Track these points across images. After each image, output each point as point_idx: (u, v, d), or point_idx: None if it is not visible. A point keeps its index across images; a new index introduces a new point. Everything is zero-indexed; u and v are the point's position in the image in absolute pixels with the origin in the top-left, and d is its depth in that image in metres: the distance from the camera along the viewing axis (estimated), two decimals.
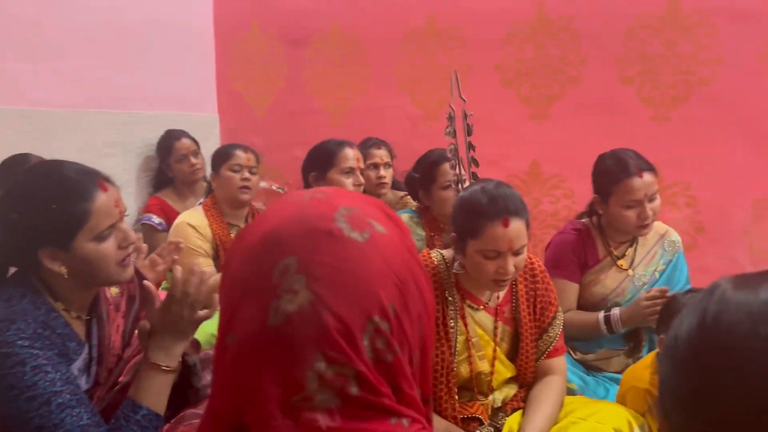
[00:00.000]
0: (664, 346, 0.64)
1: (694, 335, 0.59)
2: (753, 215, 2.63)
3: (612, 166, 1.90)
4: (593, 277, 1.98)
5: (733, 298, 0.59)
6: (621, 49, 2.75)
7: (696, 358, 0.58)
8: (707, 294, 0.61)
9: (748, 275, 0.64)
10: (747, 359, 0.55)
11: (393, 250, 0.67)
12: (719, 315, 0.58)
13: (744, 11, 2.53)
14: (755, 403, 0.54)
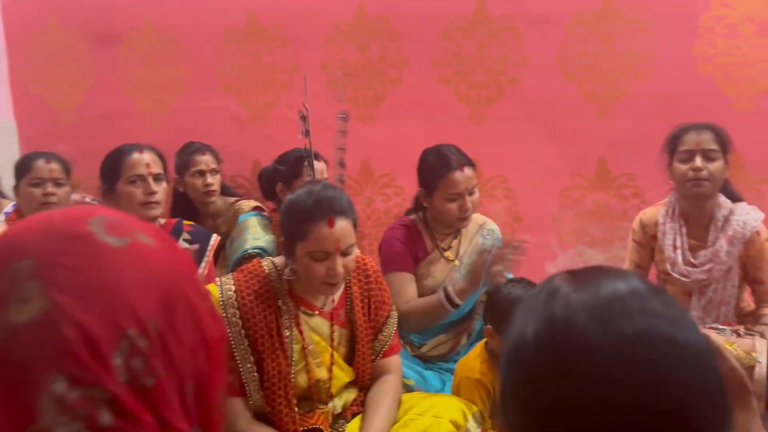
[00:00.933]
0: (508, 350, 0.64)
1: (544, 341, 0.60)
2: (560, 204, 2.89)
3: (435, 162, 1.99)
4: (424, 270, 2.03)
5: (578, 301, 0.60)
6: (438, 51, 2.86)
7: (547, 363, 0.59)
8: (548, 297, 0.62)
9: (579, 272, 0.66)
10: (599, 362, 0.56)
11: (160, 263, 0.58)
12: (568, 320, 0.59)
13: (542, 16, 2.76)
14: (608, 406, 0.55)
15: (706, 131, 1.91)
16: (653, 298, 0.59)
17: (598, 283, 0.61)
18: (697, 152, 1.89)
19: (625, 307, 0.58)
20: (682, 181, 1.93)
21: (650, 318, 0.57)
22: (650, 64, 2.71)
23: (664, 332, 0.57)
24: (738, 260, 1.93)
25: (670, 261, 2.01)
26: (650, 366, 0.55)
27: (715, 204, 1.96)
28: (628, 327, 0.56)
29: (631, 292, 0.60)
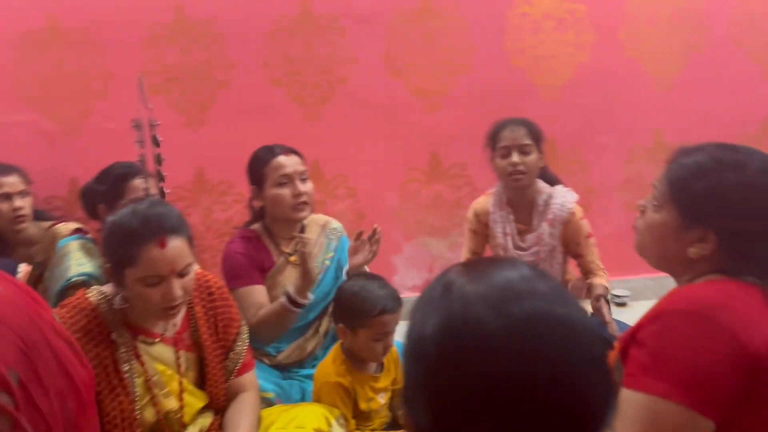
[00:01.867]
0: (409, 347, 0.65)
1: (444, 335, 0.61)
2: (400, 197, 2.97)
3: (259, 153, 1.97)
4: (272, 281, 1.97)
5: (473, 293, 0.62)
6: (266, 52, 2.79)
7: (449, 355, 0.60)
8: (445, 291, 0.64)
9: (473, 265, 0.69)
10: (496, 346, 0.58)
11: (12, 310, 0.53)
12: (465, 311, 0.61)
13: (366, 15, 2.81)
14: (508, 387, 0.57)
15: (520, 127, 2.06)
16: (539, 281, 0.63)
17: (490, 273, 0.64)
18: (514, 148, 2.04)
19: (515, 292, 0.61)
20: (503, 174, 2.09)
21: (538, 299, 0.61)
22: (469, 60, 2.88)
23: (550, 311, 0.60)
24: (560, 239, 2.12)
25: (501, 246, 2.15)
26: (540, 342, 0.59)
27: (535, 191, 2.13)
28: (518, 309, 0.60)
29: (520, 278, 0.63)
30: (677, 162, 1.13)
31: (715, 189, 1.05)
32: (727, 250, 1.07)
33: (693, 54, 2.96)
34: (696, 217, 1.08)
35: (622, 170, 3.05)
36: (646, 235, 1.17)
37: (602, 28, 2.90)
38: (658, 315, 1.03)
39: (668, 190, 1.11)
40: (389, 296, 1.61)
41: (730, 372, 0.95)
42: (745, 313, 0.99)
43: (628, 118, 2.99)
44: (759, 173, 1.05)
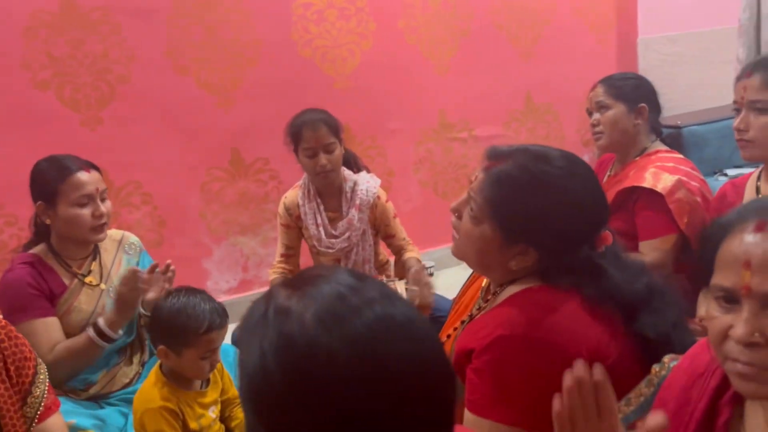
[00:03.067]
0: (246, 382, 0.61)
1: (283, 362, 0.58)
2: (203, 199, 2.84)
3: (50, 166, 1.73)
4: (66, 306, 1.76)
5: (308, 315, 0.59)
6: (25, 51, 2.46)
7: (291, 384, 0.57)
8: (279, 315, 0.60)
9: (295, 282, 0.65)
10: (340, 366, 0.57)
11: None
12: (300, 334, 0.58)
13: (141, 9, 2.61)
14: (346, 404, 0.56)
15: (321, 126, 2.07)
16: (367, 287, 0.62)
17: (318, 290, 0.62)
18: (319, 148, 2.06)
19: (351, 306, 0.60)
20: (311, 173, 2.12)
21: (374, 308, 0.60)
22: (257, 51, 2.83)
23: (386, 315, 0.60)
24: (369, 223, 2.20)
25: (315, 237, 2.18)
26: (390, 352, 0.58)
27: (341, 179, 2.18)
28: (359, 323, 0.59)
29: (350, 289, 0.61)
30: (493, 175, 1.11)
31: (530, 207, 1.08)
32: (545, 258, 1.10)
33: (463, 39, 3.23)
34: (516, 234, 1.09)
35: (414, 151, 3.25)
36: (467, 244, 1.17)
37: (382, 17, 3.03)
38: (491, 342, 1.04)
39: (487, 207, 1.10)
40: (215, 311, 1.52)
41: None
42: (568, 325, 1.04)
43: (415, 102, 3.18)
44: (566, 182, 1.08)
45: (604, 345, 1.04)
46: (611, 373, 0.94)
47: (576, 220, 1.09)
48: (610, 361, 1.00)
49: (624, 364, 1.04)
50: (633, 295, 1.08)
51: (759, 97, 1.48)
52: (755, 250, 0.76)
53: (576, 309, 1.05)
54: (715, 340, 0.80)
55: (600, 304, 1.06)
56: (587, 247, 1.10)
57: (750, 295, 0.76)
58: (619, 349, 1.05)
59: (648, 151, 1.97)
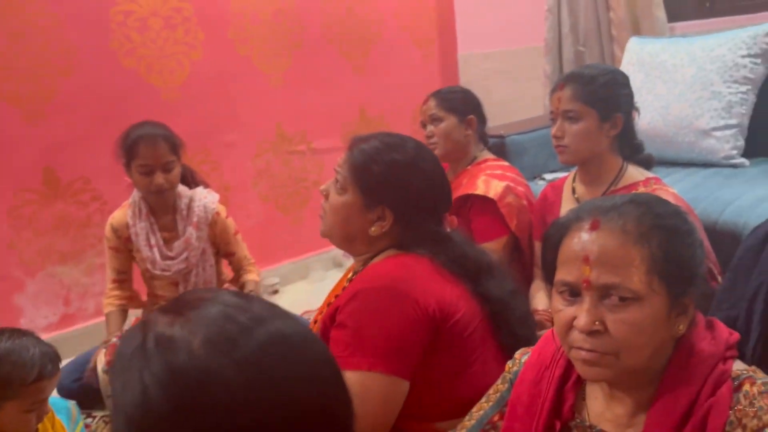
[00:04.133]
0: (126, 415, 0.54)
1: (173, 393, 0.53)
2: (11, 225, 2.50)
3: None
4: None
5: (195, 341, 0.55)
6: None
7: (185, 419, 0.52)
8: (161, 344, 0.55)
9: (173, 308, 0.60)
10: (236, 391, 0.53)
11: None
12: (192, 363, 0.54)
13: None
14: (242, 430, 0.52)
15: (159, 143, 1.92)
16: (253, 305, 0.59)
17: (203, 313, 0.58)
18: (156, 167, 1.92)
19: (239, 327, 0.56)
20: (146, 192, 1.97)
21: (264, 325, 0.57)
22: (71, 61, 2.57)
23: (278, 333, 0.58)
24: (208, 241, 2.09)
25: (149, 260, 2.02)
26: (282, 367, 0.56)
27: (176, 195, 2.04)
28: (250, 343, 0.56)
29: (236, 308, 0.58)
30: (357, 148, 1.24)
31: (389, 169, 1.21)
32: (400, 225, 1.22)
33: (296, 51, 3.22)
34: (376, 196, 1.21)
35: (252, 165, 3.17)
36: (332, 216, 1.26)
37: (211, 27, 2.92)
38: (353, 295, 1.12)
39: (351, 174, 1.23)
40: (47, 356, 1.33)
41: (416, 334, 1.10)
42: (419, 280, 1.15)
43: (251, 114, 3.10)
44: (416, 154, 1.24)
45: (453, 301, 1.16)
46: (463, 325, 1.13)
47: (426, 190, 1.24)
48: (459, 315, 1.15)
49: (474, 320, 1.18)
50: (477, 264, 1.23)
51: (571, 107, 1.65)
52: (592, 247, 0.84)
53: (429, 269, 1.18)
54: (561, 331, 0.87)
55: (449, 269, 1.20)
56: (435, 221, 1.26)
57: (590, 288, 0.83)
58: (468, 306, 1.18)
59: (478, 159, 2.11)
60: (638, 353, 0.83)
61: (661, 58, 2.50)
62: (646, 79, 2.52)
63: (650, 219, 0.85)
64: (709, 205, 1.95)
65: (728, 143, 2.31)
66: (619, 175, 1.68)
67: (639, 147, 1.75)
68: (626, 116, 1.69)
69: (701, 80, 2.36)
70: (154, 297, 2.15)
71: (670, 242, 0.84)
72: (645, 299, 0.81)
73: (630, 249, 0.82)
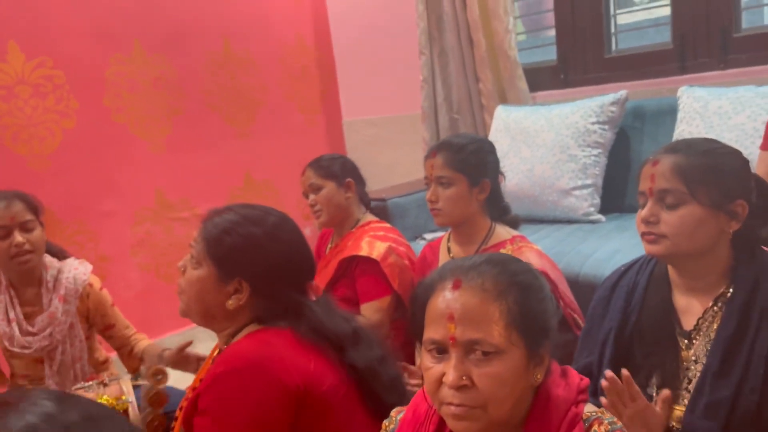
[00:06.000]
0: None
1: None
2: None
3: None
4: None
5: None
6: None
7: None
8: None
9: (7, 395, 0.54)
10: None
11: None
12: None
13: None
14: None
15: (16, 202, 1.83)
16: (68, 411, 0.54)
17: (4, 423, 0.52)
18: (14, 226, 1.81)
19: None
20: (4, 258, 1.83)
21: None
22: None
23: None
24: (78, 315, 1.97)
25: (7, 337, 1.87)
26: None
27: (42, 266, 1.92)
28: None
29: (45, 419, 0.52)
30: (210, 221, 1.23)
31: (244, 241, 1.19)
32: (259, 297, 1.20)
33: (176, 117, 3.19)
34: (231, 269, 1.19)
35: (131, 233, 3.05)
36: (188, 291, 1.23)
37: (85, 95, 2.84)
38: (213, 380, 1.08)
39: (204, 247, 1.20)
40: None
41: (281, 412, 1.08)
42: (283, 356, 1.12)
43: (129, 182, 3.01)
44: (275, 226, 1.23)
45: (318, 373, 1.14)
46: (330, 396, 1.10)
47: (284, 261, 1.22)
48: (326, 387, 1.13)
49: (341, 390, 1.16)
50: (337, 333, 1.21)
51: (443, 173, 1.76)
52: (455, 305, 0.88)
53: (291, 343, 1.15)
54: (431, 388, 0.90)
55: (312, 340, 1.17)
56: (297, 292, 1.23)
57: (456, 344, 0.87)
58: (335, 377, 1.16)
59: (361, 222, 2.17)
60: (503, 404, 0.87)
61: (524, 125, 2.74)
62: (512, 143, 2.73)
63: (506, 277, 0.91)
64: (572, 259, 2.12)
65: (586, 201, 2.54)
66: (488, 235, 1.80)
67: (506, 209, 1.89)
68: (493, 181, 1.83)
69: (559, 144, 2.59)
70: (16, 378, 1.98)
71: (524, 298, 0.90)
72: (506, 352, 0.86)
73: (489, 306, 0.88)
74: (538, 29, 3.76)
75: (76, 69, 2.80)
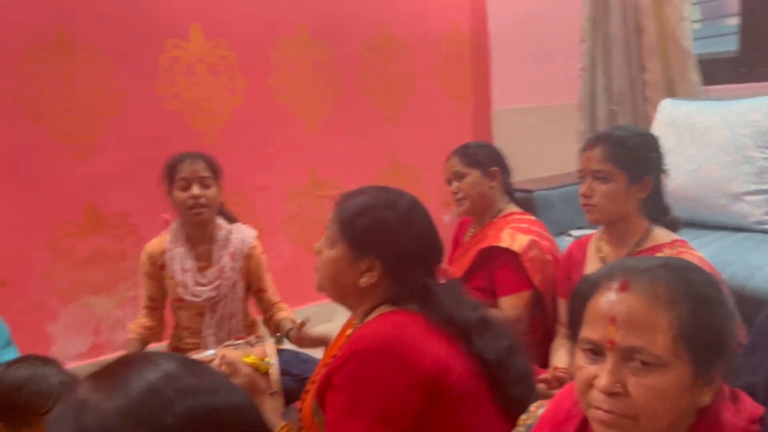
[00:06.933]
0: None
1: None
2: (51, 256, 2.60)
3: None
4: None
5: (111, 408, 0.52)
6: None
7: None
8: (77, 413, 0.53)
9: (102, 374, 0.58)
10: None
11: None
12: (95, 428, 0.51)
13: None
14: None
15: (198, 160, 2.02)
16: (185, 374, 0.57)
17: (126, 381, 0.55)
18: (193, 180, 1.99)
19: (161, 398, 0.54)
20: (183, 208, 2.01)
21: (188, 399, 0.55)
22: (118, 102, 2.70)
23: (205, 407, 0.55)
24: (240, 274, 2.13)
25: (181, 284, 2.05)
26: None
27: (215, 226, 2.10)
28: (170, 418, 0.53)
29: (164, 378, 0.56)
30: (344, 204, 1.27)
31: (377, 223, 1.22)
32: (390, 277, 1.22)
33: (332, 100, 3.33)
34: (363, 248, 1.22)
35: (284, 208, 3.24)
36: (324, 271, 1.28)
37: (252, 75, 3.05)
38: (348, 358, 1.11)
39: (339, 228, 1.24)
40: (66, 386, 1.33)
41: (413, 397, 1.08)
42: (415, 340, 1.13)
43: (285, 159, 3.19)
44: (407, 210, 1.25)
45: (449, 361, 1.13)
46: (459, 386, 1.09)
47: (413, 241, 1.24)
48: (456, 374, 1.12)
49: (469, 380, 1.14)
50: (464, 319, 1.20)
51: (600, 167, 1.66)
52: (619, 308, 0.83)
53: (423, 328, 1.15)
54: (581, 389, 0.86)
55: (443, 327, 1.17)
56: (426, 274, 1.24)
57: (614, 349, 0.82)
58: (464, 366, 1.15)
59: (503, 212, 2.12)
60: (658, 420, 0.81)
61: (694, 120, 2.51)
62: (679, 139, 2.52)
63: (682, 285, 0.83)
64: (737, 270, 1.92)
65: (760, 208, 2.28)
66: (645, 237, 1.68)
67: (666, 209, 1.75)
68: (655, 179, 1.69)
69: (734, 144, 2.35)
70: (179, 329, 2.18)
71: (701, 311, 0.82)
72: (669, 366, 0.80)
73: (657, 313, 0.81)
74: (717, 17, 3.42)
75: (246, 50, 3.01)
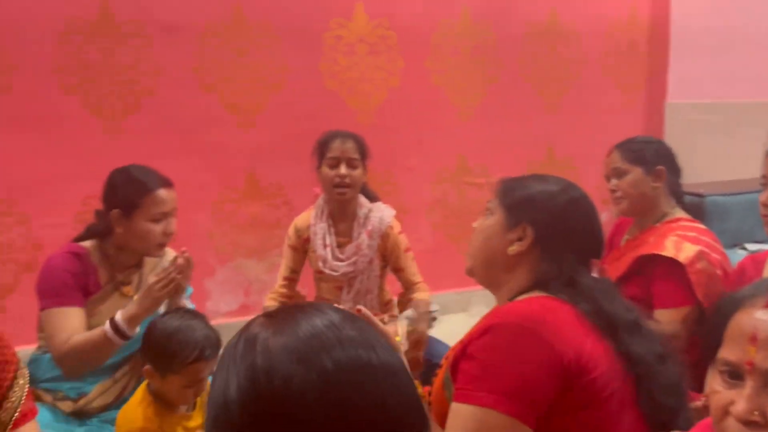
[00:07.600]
0: (212, 414, 0.58)
1: (249, 395, 0.55)
2: (213, 218, 2.83)
3: (137, 178, 1.75)
4: (91, 308, 1.73)
5: (277, 345, 0.57)
6: (58, 56, 2.49)
7: (256, 419, 0.54)
8: (247, 346, 0.58)
9: (277, 314, 0.62)
10: (307, 404, 0.54)
11: None
12: (270, 368, 0.55)
13: (173, 24, 2.65)
14: None
15: (349, 140, 2.08)
16: (348, 326, 0.60)
17: (295, 323, 0.60)
18: (342, 160, 2.05)
19: (324, 342, 0.58)
20: (329, 185, 2.09)
21: (348, 349, 0.58)
22: (283, 77, 2.84)
23: (361, 358, 0.58)
24: (377, 252, 2.16)
25: (321, 258, 2.13)
26: (354, 393, 0.56)
27: (357, 205, 2.16)
28: (330, 363, 0.56)
29: (328, 326, 0.59)
30: (504, 182, 1.30)
31: (536, 193, 1.23)
32: (540, 250, 1.19)
33: (490, 85, 3.24)
34: (518, 214, 1.21)
35: (430, 191, 3.23)
36: (476, 240, 1.28)
37: (411, 56, 3.05)
38: (487, 329, 1.08)
39: (499, 198, 1.26)
40: (209, 340, 1.46)
41: (546, 380, 1.03)
42: (559, 326, 1.07)
43: (435, 143, 3.17)
44: (572, 190, 1.24)
45: (593, 356, 1.06)
46: (599, 385, 1.04)
47: (571, 218, 1.21)
48: (597, 373, 1.05)
49: (613, 382, 1.07)
50: (615, 317, 1.13)
51: None
52: (763, 326, 0.75)
53: (571, 318, 1.10)
54: (716, 415, 0.79)
55: (592, 321, 1.11)
56: (579, 262, 1.19)
57: (753, 371, 0.75)
58: (609, 365, 1.07)
59: (669, 217, 1.92)
60: None
61: None
62: None
63: None
64: None
65: None
66: None
67: None
68: None
69: None
70: (319, 300, 2.27)
71: None
72: None
73: None
74: None
75: (407, 31, 3.02)
